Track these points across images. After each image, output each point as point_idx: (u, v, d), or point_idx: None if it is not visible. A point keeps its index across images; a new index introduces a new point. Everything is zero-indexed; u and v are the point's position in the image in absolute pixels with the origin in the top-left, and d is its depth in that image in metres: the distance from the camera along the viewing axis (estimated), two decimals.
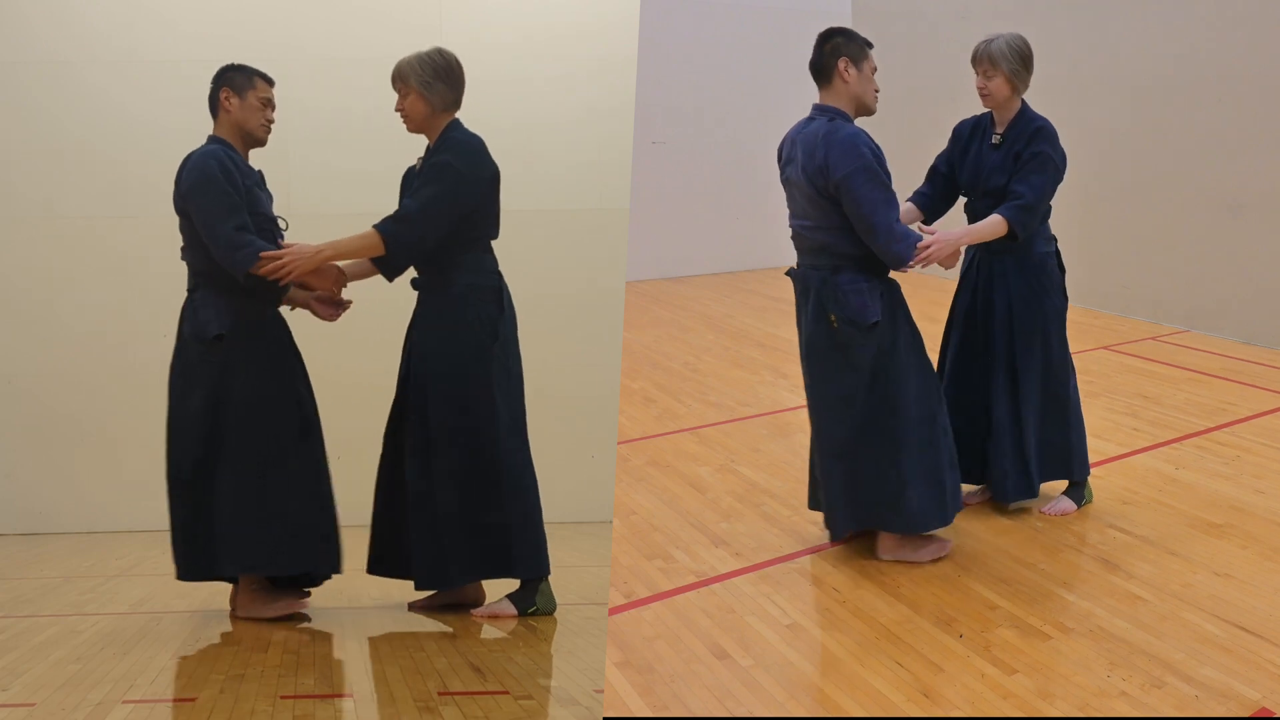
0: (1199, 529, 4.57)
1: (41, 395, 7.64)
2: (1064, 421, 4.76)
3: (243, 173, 4.79)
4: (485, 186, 4.73)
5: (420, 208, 4.64)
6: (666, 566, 4.35)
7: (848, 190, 4.12)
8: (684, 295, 10.13)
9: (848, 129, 4.20)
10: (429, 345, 4.76)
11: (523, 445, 4.80)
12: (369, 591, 5.33)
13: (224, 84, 4.84)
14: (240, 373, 4.74)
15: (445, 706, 3.58)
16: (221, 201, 4.66)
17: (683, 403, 6.59)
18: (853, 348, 4.26)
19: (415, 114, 4.78)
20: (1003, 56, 4.58)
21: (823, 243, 4.28)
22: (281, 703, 3.68)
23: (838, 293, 4.25)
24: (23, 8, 7.61)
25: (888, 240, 4.16)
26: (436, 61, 4.77)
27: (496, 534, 4.71)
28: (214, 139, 4.86)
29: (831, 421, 4.35)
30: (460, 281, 4.72)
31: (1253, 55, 7.57)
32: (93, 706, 3.64)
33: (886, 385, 4.26)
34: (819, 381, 4.37)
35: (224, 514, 4.71)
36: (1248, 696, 3.30)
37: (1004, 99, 4.64)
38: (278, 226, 4.92)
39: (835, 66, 4.24)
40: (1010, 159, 4.62)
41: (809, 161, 4.20)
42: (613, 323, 7.68)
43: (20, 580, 6.08)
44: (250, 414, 4.74)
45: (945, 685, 3.44)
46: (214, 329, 4.73)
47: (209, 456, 4.75)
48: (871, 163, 4.13)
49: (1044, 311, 4.71)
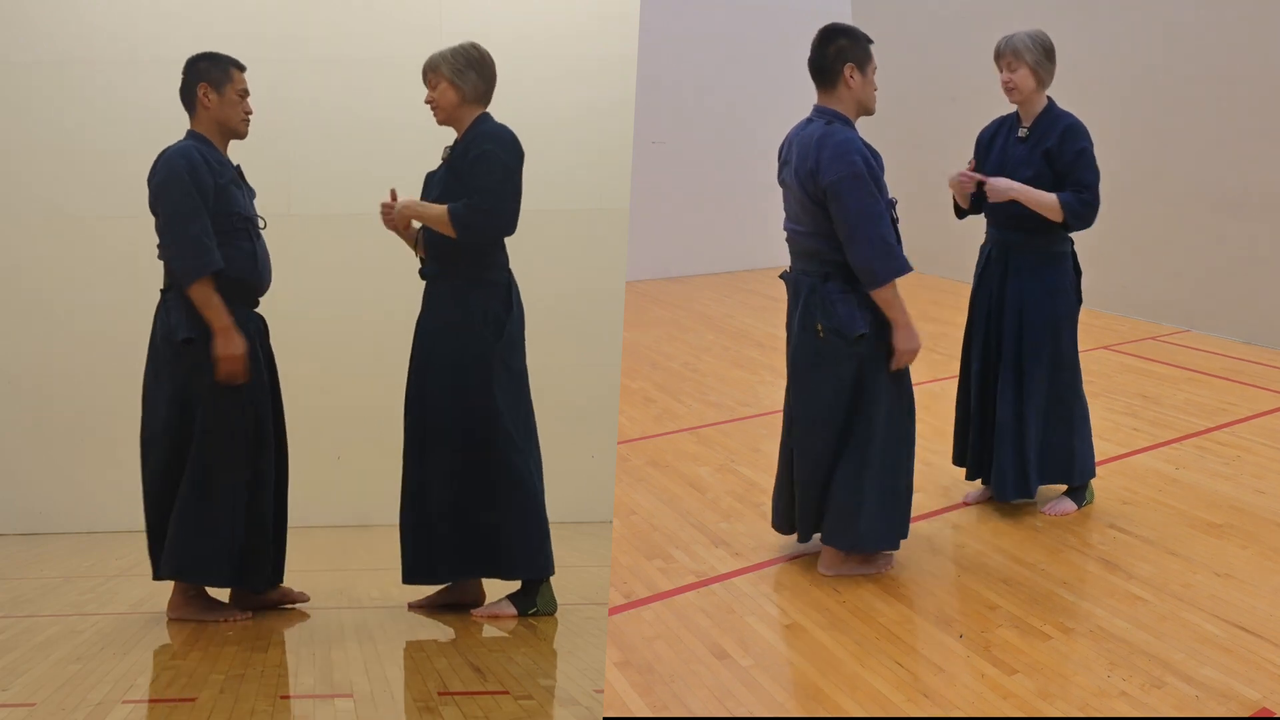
0: (1199, 529, 4.57)
1: (42, 395, 7.64)
2: (1069, 425, 4.74)
3: (216, 170, 4.71)
4: (521, 178, 4.76)
5: (486, 195, 4.62)
6: (666, 566, 4.34)
7: (834, 197, 4.02)
8: (684, 295, 10.12)
9: (843, 134, 4.09)
10: (432, 338, 4.76)
11: (525, 445, 4.78)
12: (369, 591, 5.34)
13: (200, 79, 4.76)
14: (204, 377, 4.66)
15: (445, 706, 3.58)
16: (184, 202, 4.61)
17: (682, 403, 6.59)
18: (837, 360, 4.13)
19: (446, 103, 4.77)
20: (1026, 49, 4.58)
21: (814, 248, 4.19)
22: (281, 703, 3.68)
23: (825, 301, 4.13)
24: (24, 6, 7.61)
25: (868, 252, 4.01)
26: (470, 53, 4.80)
27: (489, 533, 4.70)
28: (191, 134, 4.79)
29: (812, 433, 4.23)
30: (468, 275, 4.71)
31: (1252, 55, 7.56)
32: (93, 706, 3.64)
33: (862, 402, 4.13)
34: (800, 394, 4.26)
35: (175, 520, 4.68)
36: (1248, 696, 3.30)
37: (1029, 91, 4.62)
38: (255, 225, 4.85)
39: (840, 71, 4.12)
40: (1038, 154, 4.60)
41: (801, 165, 4.12)
42: (612, 322, 7.68)
43: (20, 580, 6.08)
44: (208, 419, 4.68)
45: (945, 685, 3.44)
46: (183, 332, 4.66)
47: (173, 461, 4.70)
48: (862, 171, 4.02)
49: (1055, 311, 4.69)
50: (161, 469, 4.73)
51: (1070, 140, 4.58)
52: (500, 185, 4.66)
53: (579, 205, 7.81)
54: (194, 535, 4.68)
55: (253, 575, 4.81)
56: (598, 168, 7.79)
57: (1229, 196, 7.79)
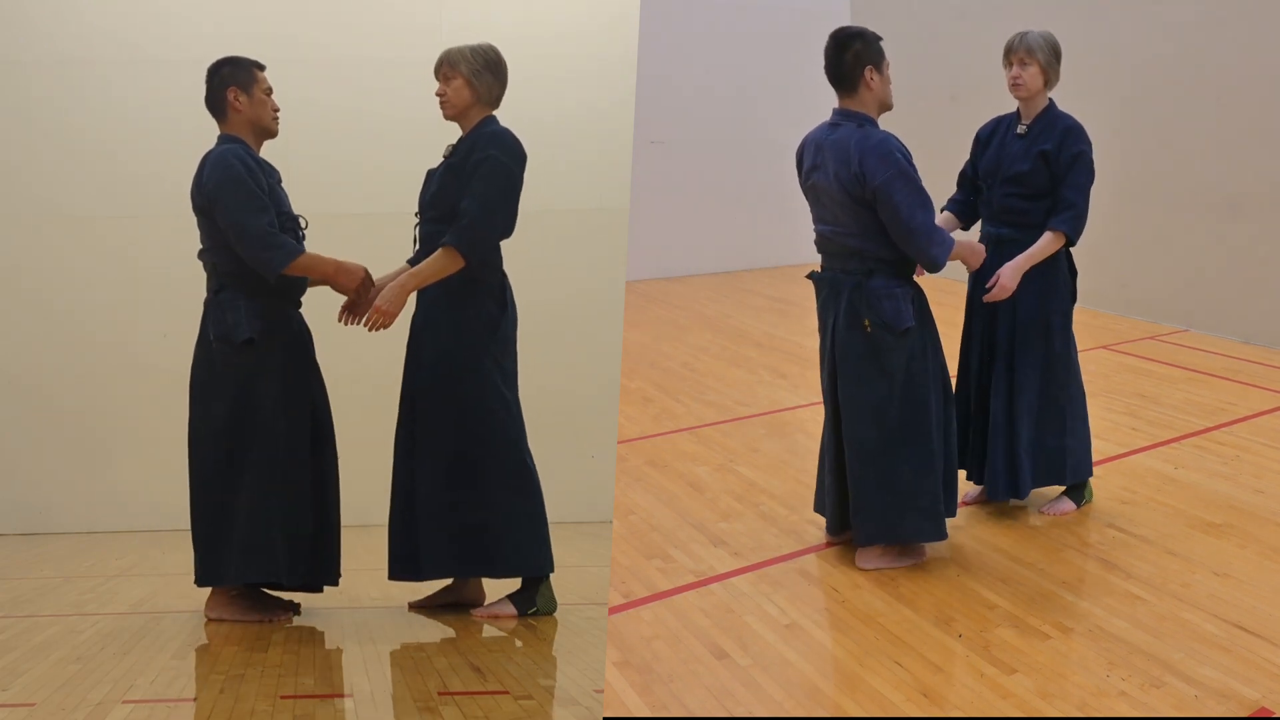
0: (1198, 529, 4.58)
1: (42, 395, 7.64)
2: (1060, 425, 4.73)
3: (265, 171, 4.77)
4: (522, 182, 4.78)
5: (482, 208, 4.65)
6: (665, 566, 4.35)
7: (886, 197, 4.15)
8: (683, 295, 10.13)
9: (878, 134, 4.23)
10: (426, 337, 4.76)
11: (516, 445, 4.78)
12: (369, 591, 5.34)
13: (228, 83, 4.78)
14: (266, 378, 4.71)
15: (445, 706, 3.58)
16: (251, 201, 4.62)
17: (681, 402, 6.59)
18: (886, 352, 4.27)
19: (459, 100, 4.78)
20: (1039, 47, 4.63)
21: (856, 248, 4.29)
22: (281, 703, 3.68)
23: (871, 297, 4.26)
24: (24, 6, 7.61)
25: (927, 243, 4.20)
26: (489, 54, 4.82)
27: (477, 532, 4.70)
28: (228, 138, 4.80)
29: (864, 426, 4.31)
30: (463, 275, 4.72)
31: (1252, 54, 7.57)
32: (93, 706, 3.64)
33: (916, 389, 4.28)
34: (851, 386, 4.33)
35: (240, 521, 4.70)
36: (1247, 696, 3.30)
37: (1037, 90, 4.66)
38: (299, 225, 4.88)
39: (861, 75, 4.24)
40: (1035, 151, 4.63)
41: (843, 169, 4.21)
42: (612, 322, 7.68)
43: (20, 580, 6.08)
44: (273, 421, 4.72)
45: (945, 685, 3.44)
46: (244, 332, 4.68)
47: (233, 463, 4.71)
48: (907, 167, 4.17)
49: (1047, 310, 4.70)
50: (212, 469, 4.74)
51: (1070, 143, 4.61)
52: (499, 195, 4.67)
53: (579, 205, 7.81)
54: (263, 535, 4.68)
55: (323, 573, 4.87)
56: (598, 168, 7.79)
57: (1229, 196, 7.79)
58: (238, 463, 4.71)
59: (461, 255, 4.64)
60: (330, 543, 4.89)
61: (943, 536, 4.34)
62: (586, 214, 7.84)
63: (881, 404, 4.28)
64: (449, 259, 4.65)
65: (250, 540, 4.69)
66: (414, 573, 4.78)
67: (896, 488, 4.27)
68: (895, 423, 4.28)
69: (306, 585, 4.89)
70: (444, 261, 4.66)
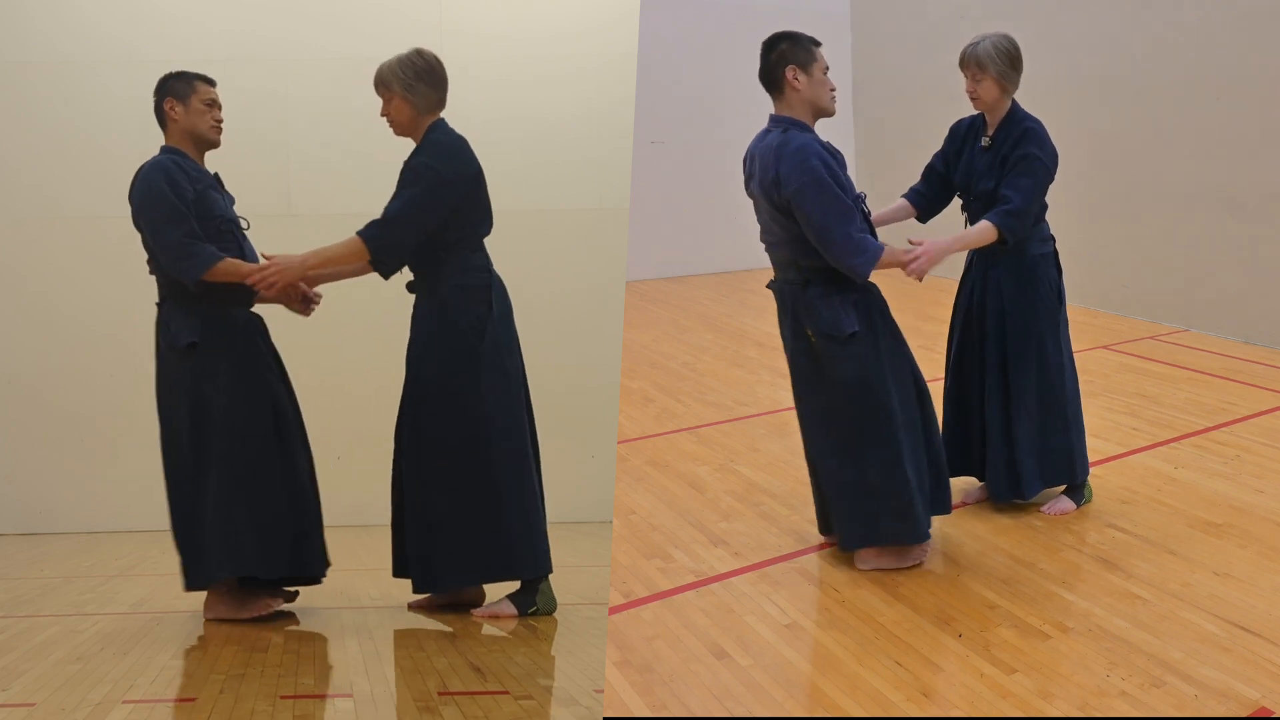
0: (1198, 528, 4.57)
1: (42, 395, 7.65)
2: (1063, 426, 4.74)
3: (193, 178, 4.81)
4: (467, 185, 4.70)
5: (399, 210, 4.64)
6: (665, 566, 4.35)
7: (798, 206, 4.03)
8: (683, 295, 10.13)
9: (798, 140, 4.09)
10: (418, 350, 4.77)
11: (520, 447, 4.77)
12: (369, 591, 5.34)
13: (166, 94, 4.89)
14: (215, 378, 4.77)
15: (445, 706, 3.58)
16: (167, 213, 4.69)
17: (681, 402, 6.59)
18: (832, 361, 4.18)
19: (401, 118, 4.77)
20: (990, 59, 4.54)
21: (789, 257, 4.23)
22: (281, 703, 3.68)
23: (809, 307, 4.19)
24: (24, 6, 7.62)
25: (841, 254, 4.04)
26: (417, 64, 4.75)
27: (491, 540, 4.70)
28: (165, 149, 4.90)
29: (818, 434, 4.29)
30: (447, 283, 4.70)
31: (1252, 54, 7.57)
32: (93, 706, 3.65)
33: (870, 395, 4.17)
34: (802, 395, 4.32)
35: (212, 518, 4.72)
36: (1247, 696, 3.30)
37: (993, 101, 4.61)
38: (239, 227, 4.93)
39: (784, 76, 4.16)
40: (998, 163, 4.59)
41: (764, 176, 4.13)
42: (612, 322, 7.68)
43: (20, 580, 6.08)
44: (228, 417, 4.76)
45: (944, 685, 3.44)
46: (185, 338, 4.75)
47: (199, 464, 4.76)
48: (821, 174, 4.02)
49: (1036, 313, 4.68)
50: (182, 474, 4.79)
51: (1022, 144, 4.53)
52: (419, 203, 4.61)
53: (579, 205, 7.82)
54: (239, 529, 4.72)
55: (308, 565, 4.91)
56: (598, 168, 7.80)
57: (1229, 196, 7.80)
58: (204, 463, 4.76)
59: (368, 250, 4.62)
60: (312, 534, 4.92)
61: (921, 538, 4.26)
62: (586, 214, 7.84)
63: (831, 411, 4.22)
64: (353, 248, 4.64)
65: (220, 534, 4.72)
66: (433, 585, 4.80)
67: (863, 492, 4.21)
68: (849, 430, 4.20)
69: (291, 579, 4.93)
70: (350, 249, 4.65)
